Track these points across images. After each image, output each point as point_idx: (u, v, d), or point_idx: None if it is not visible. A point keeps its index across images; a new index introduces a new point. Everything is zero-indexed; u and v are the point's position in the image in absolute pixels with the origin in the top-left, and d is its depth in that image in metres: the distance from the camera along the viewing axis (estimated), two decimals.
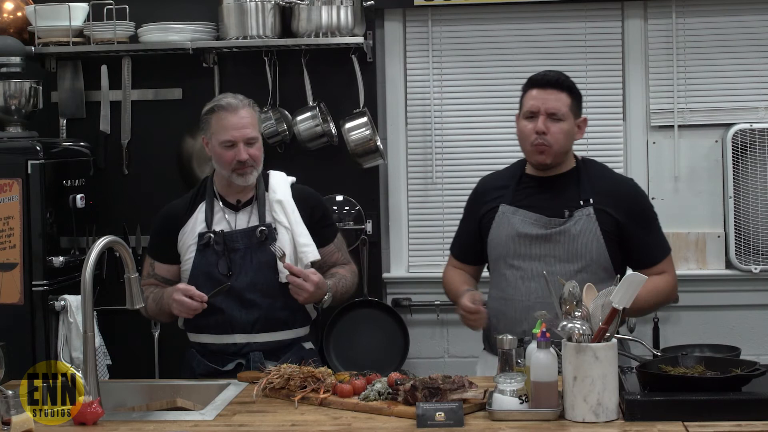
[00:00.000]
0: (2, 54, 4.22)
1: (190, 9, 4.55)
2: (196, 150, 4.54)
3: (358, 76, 4.40)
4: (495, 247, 3.33)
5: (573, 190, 3.28)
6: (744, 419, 2.50)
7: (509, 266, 3.28)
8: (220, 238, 3.36)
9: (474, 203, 3.47)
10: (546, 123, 3.22)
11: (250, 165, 3.36)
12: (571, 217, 3.22)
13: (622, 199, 3.27)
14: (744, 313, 4.52)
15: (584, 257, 3.20)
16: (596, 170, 3.36)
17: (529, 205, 3.29)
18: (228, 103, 3.38)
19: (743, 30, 4.50)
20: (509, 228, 3.28)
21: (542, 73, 3.32)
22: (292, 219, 3.41)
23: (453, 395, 2.69)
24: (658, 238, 3.33)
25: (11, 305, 4.00)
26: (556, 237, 3.22)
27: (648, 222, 3.31)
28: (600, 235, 3.21)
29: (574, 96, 3.27)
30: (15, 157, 4.04)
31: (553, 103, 3.23)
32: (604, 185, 3.29)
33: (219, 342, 3.36)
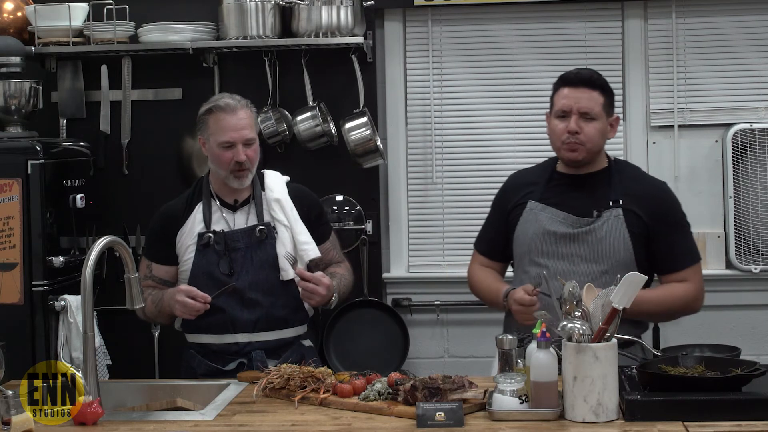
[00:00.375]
0: (2, 54, 4.22)
1: (190, 9, 4.55)
2: (196, 150, 4.54)
3: (358, 76, 4.40)
4: (521, 244, 3.28)
5: (603, 190, 3.22)
6: (744, 419, 2.50)
7: (534, 264, 3.22)
8: (220, 238, 3.35)
9: (502, 199, 3.41)
10: (578, 122, 3.17)
11: (246, 167, 3.35)
12: (599, 218, 3.17)
13: (651, 202, 3.21)
14: (744, 313, 4.52)
15: (610, 258, 3.15)
16: (628, 171, 3.31)
17: (557, 203, 3.23)
18: (226, 104, 3.36)
19: (743, 30, 4.50)
20: (536, 225, 3.23)
21: (575, 71, 3.27)
22: (291, 217, 3.41)
23: (453, 395, 2.69)
24: (686, 245, 3.24)
25: (11, 305, 4.00)
26: (583, 236, 3.17)
27: (675, 227, 3.23)
28: (627, 237, 3.16)
29: (606, 94, 3.21)
30: (15, 157, 4.04)
31: (586, 103, 3.17)
32: (634, 187, 3.23)
33: (220, 342, 3.35)
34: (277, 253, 3.36)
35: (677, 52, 4.52)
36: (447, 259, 4.64)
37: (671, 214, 3.24)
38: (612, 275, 2.98)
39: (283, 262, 3.35)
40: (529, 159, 4.44)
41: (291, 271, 3.36)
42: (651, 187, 3.29)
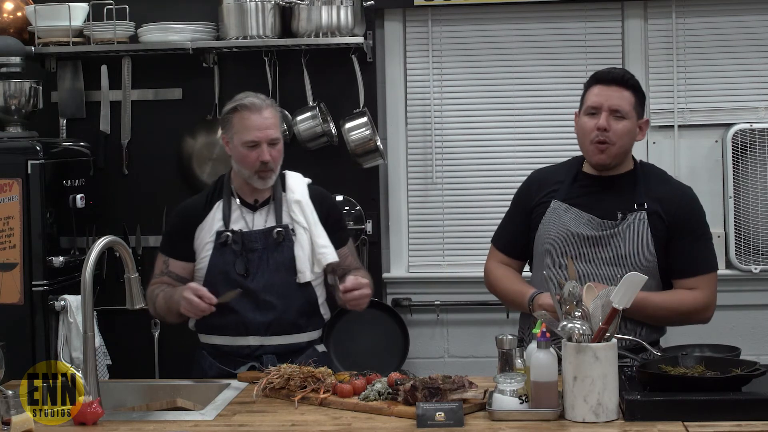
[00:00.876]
0: (2, 54, 4.23)
1: (190, 9, 4.55)
2: (196, 150, 4.54)
3: (358, 76, 4.40)
4: (542, 243, 3.22)
5: (629, 193, 3.17)
6: (744, 419, 2.50)
7: (557, 265, 3.16)
8: (238, 238, 3.32)
9: (525, 196, 3.33)
10: (608, 120, 3.12)
11: (271, 168, 3.31)
12: (623, 221, 3.12)
13: (673, 204, 3.16)
14: (744, 313, 4.52)
15: (632, 263, 3.08)
16: (655, 175, 3.26)
17: (582, 204, 3.18)
18: (251, 103, 3.32)
19: (743, 30, 4.50)
20: (560, 225, 3.18)
21: (607, 69, 3.23)
22: (310, 220, 3.37)
23: (453, 395, 2.69)
24: (703, 253, 3.18)
25: (11, 305, 4.00)
26: (607, 240, 3.12)
27: (693, 231, 3.18)
28: (651, 242, 3.11)
29: (638, 95, 3.18)
30: (15, 157, 4.04)
31: (617, 101, 3.12)
32: (660, 190, 3.18)
33: (232, 344, 3.32)
34: (294, 256, 3.33)
35: (677, 52, 4.52)
36: (447, 259, 4.64)
37: (692, 219, 3.18)
38: None
39: (300, 264, 3.31)
40: (529, 158, 4.46)
41: (308, 273, 3.33)
42: (675, 190, 3.23)
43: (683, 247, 3.14)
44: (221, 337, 3.34)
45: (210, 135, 4.54)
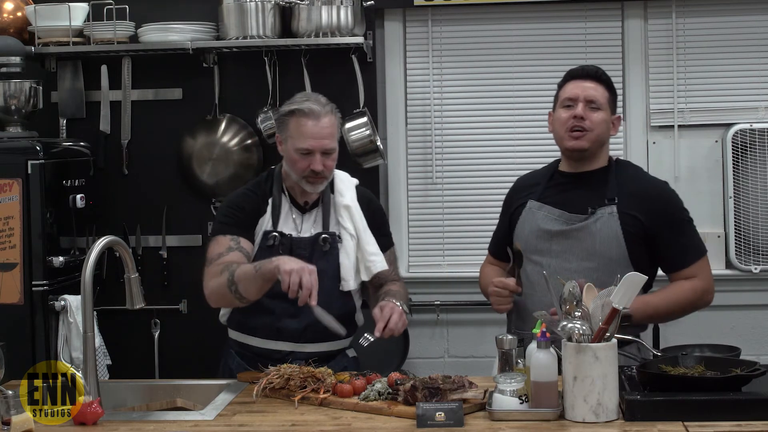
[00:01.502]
0: (2, 54, 4.23)
1: (190, 9, 4.55)
2: (196, 150, 4.54)
3: (358, 76, 4.40)
4: (518, 242, 3.31)
5: (601, 189, 3.23)
6: (744, 419, 2.50)
7: (530, 262, 3.25)
8: (287, 241, 3.23)
9: (508, 200, 3.45)
10: (585, 110, 3.21)
11: (322, 176, 3.21)
12: (593, 215, 3.18)
13: (649, 202, 3.21)
14: (744, 313, 4.52)
15: (602, 256, 3.15)
16: (628, 171, 3.32)
17: (555, 202, 3.26)
18: (310, 110, 3.19)
19: (743, 30, 4.51)
20: (532, 223, 3.27)
21: (581, 66, 3.34)
22: (359, 226, 3.29)
23: (453, 395, 2.69)
24: (690, 241, 3.24)
25: (11, 305, 4.00)
26: (576, 234, 3.19)
27: (677, 225, 3.23)
28: (620, 235, 3.15)
29: (611, 91, 3.28)
30: (15, 157, 4.04)
31: (592, 92, 3.22)
32: (633, 186, 3.24)
33: (263, 346, 3.26)
34: (339, 264, 3.25)
35: (677, 52, 4.52)
36: (447, 259, 4.64)
37: (671, 212, 3.24)
38: (604, 273, 3.02)
39: (345, 272, 3.24)
40: (528, 159, 4.46)
41: (352, 281, 3.26)
42: (650, 186, 3.29)
43: (669, 240, 3.20)
44: (252, 337, 3.29)
45: (210, 135, 4.54)
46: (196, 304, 4.52)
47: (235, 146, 4.54)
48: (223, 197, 4.52)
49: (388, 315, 3.10)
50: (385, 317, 3.10)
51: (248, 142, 4.55)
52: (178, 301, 4.60)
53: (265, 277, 3.05)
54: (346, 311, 3.28)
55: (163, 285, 4.60)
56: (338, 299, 3.26)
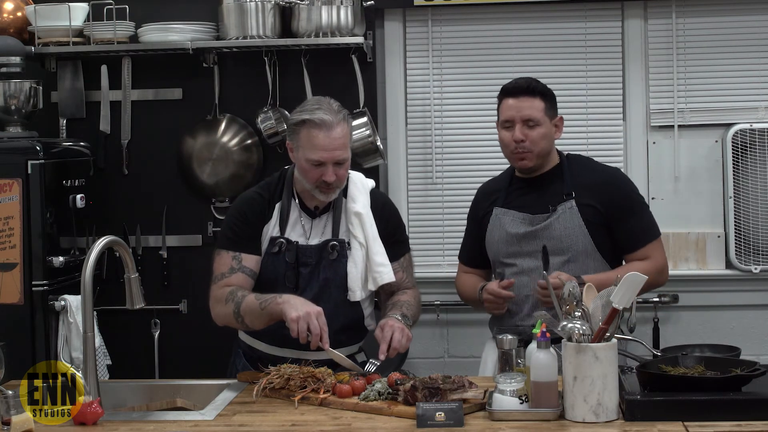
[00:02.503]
0: (2, 54, 4.22)
1: (190, 9, 4.55)
2: (196, 150, 4.54)
3: (358, 76, 4.40)
4: (490, 249, 3.51)
5: (557, 186, 3.42)
6: (744, 419, 2.50)
7: (504, 265, 3.45)
8: (293, 248, 3.20)
9: (474, 209, 3.63)
10: (523, 130, 3.39)
11: (334, 186, 3.16)
12: (554, 212, 3.37)
13: (602, 189, 3.40)
14: (744, 313, 4.52)
15: (570, 249, 3.34)
16: (579, 164, 3.50)
17: (518, 206, 3.45)
18: (322, 121, 3.10)
19: (743, 30, 4.50)
20: (500, 229, 3.46)
21: (513, 81, 3.49)
22: (369, 235, 3.23)
23: (453, 395, 2.69)
24: (642, 223, 3.42)
25: (11, 305, 4.00)
26: (542, 233, 3.37)
27: (630, 208, 3.41)
28: (583, 226, 3.34)
29: (547, 99, 3.42)
30: (15, 157, 4.04)
31: (527, 111, 3.39)
32: (586, 178, 3.42)
33: (269, 352, 3.24)
34: (347, 273, 3.21)
35: (677, 52, 4.52)
36: (447, 259, 4.63)
37: (622, 197, 3.41)
38: (575, 263, 3.32)
39: (352, 282, 3.20)
40: None
41: (359, 292, 3.22)
42: (601, 175, 3.46)
43: (624, 226, 3.38)
44: (259, 342, 3.27)
45: (210, 135, 4.54)
46: (196, 304, 4.53)
47: (235, 146, 4.54)
48: (223, 197, 4.55)
49: (389, 335, 3.07)
50: (387, 338, 3.06)
51: (248, 142, 4.55)
52: (178, 301, 4.60)
53: (271, 316, 3.07)
54: (353, 320, 3.26)
55: (163, 285, 4.60)
56: (345, 308, 3.22)
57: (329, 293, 3.21)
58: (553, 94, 3.48)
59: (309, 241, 3.23)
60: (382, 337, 3.07)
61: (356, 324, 3.28)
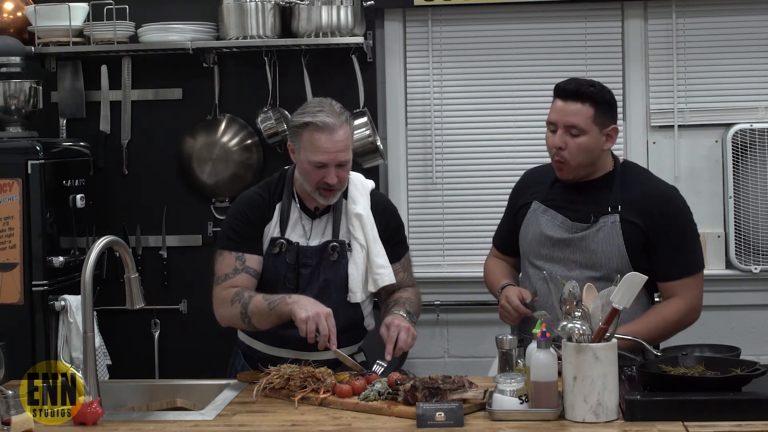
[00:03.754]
0: (2, 54, 4.23)
1: (190, 9, 4.55)
2: (196, 150, 4.54)
3: (358, 76, 4.41)
4: (522, 244, 3.27)
5: (604, 196, 3.15)
6: (744, 419, 2.50)
7: (532, 266, 3.22)
8: (293, 249, 3.20)
9: (515, 195, 3.38)
10: (564, 138, 3.10)
11: (335, 189, 3.15)
12: (594, 224, 3.11)
13: (650, 206, 3.11)
14: (744, 313, 4.52)
15: (604, 266, 3.10)
16: (634, 176, 3.21)
17: (558, 206, 3.19)
18: (324, 123, 3.08)
19: (743, 30, 4.51)
20: (536, 227, 3.21)
21: (565, 81, 3.17)
22: (369, 236, 3.21)
23: (453, 395, 2.69)
24: (685, 254, 3.13)
25: (11, 305, 4.01)
26: (577, 242, 3.13)
27: (676, 233, 3.12)
28: (622, 245, 3.09)
29: (598, 105, 3.10)
30: (15, 157, 4.04)
31: (571, 117, 3.08)
32: (636, 191, 3.14)
33: (267, 352, 3.24)
34: (348, 274, 3.20)
35: (677, 52, 4.52)
36: (447, 259, 4.64)
37: (670, 220, 3.13)
38: (607, 282, 2.89)
39: (353, 284, 3.20)
40: (528, 158, 4.45)
41: (360, 293, 3.21)
42: (653, 190, 3.18)
43: (663, 250, 3.11)
44: (258, 342, 3.27)
45: (210, 135, 4.54)
46: (196, 304, 4.53)
47: (235, 146, 4.54)
48: (223, 197, 4.55)
49: (395, 334, 3.08)
50: (393, 337, 3.08)
51: (248, 142, 4.55)
52: (178, 301, 4.60)
53: (279, 316, 3.07)
54: (353, 320, 3.26)
55: (163, 285, 4.60)
56: (345, 309, 3.21)
57: (329, 294, 3.21)
58: (609, 100, 3.14)
59: (309, 242, 3.23)
60: (388, 337, 3.08)
61: (356, 324, 3.28)
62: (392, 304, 3.26)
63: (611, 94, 3.18)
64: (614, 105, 3.18)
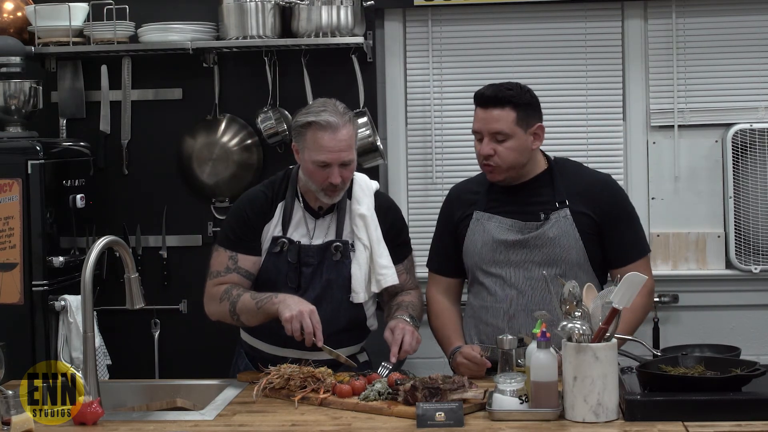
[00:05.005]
0: (2, 54, 4.22)
1: (190, 9, 4.55)
2: (196, 150, 4.54)
3: (358, 76, 4.40)
4: (471, 255, 3.24)
5: (547, 193, 3.19)
6: (744, 419, 2.50)
7: (487, 274, 3.21)
8: (295, 249, 3.20)
9: (447, 212, 3.36)
10: (491, 145, 3.13)
11: (340, 188, 3.16)
12: (547, 220, 3.14)
13: (596, 196, 3.18)
14: (744, 313, 4.52)
15: (564, 261, 3.13)
16: (570, 170, 3.26)
17: (503, 211, 3.20)
18: (327, 123, 3.09)
19: (743, 30, 4.50)
20: (485, 235, 3.20)
21: (484, 87, 3.19)
22: (373, 237, 3.22)
23: (453, 395, 2.69)
24: (634, 236, 3.22)
25: (11, 305, 4.00)
26: (533, 241, 3.14)
27: (624, 218, 3.21)
28: (578, 237, 3.14)
29: (519, 107, 3.13)
30: (15, 157, 4.04)
31: (494, 124, 3.11)
32: (579, 185, 3.20)
33: (270, 352, 3.25)
34: (351, 274, 3.21)
35: (677, 52, 4.52)
36: None
37: (619, 206, 3.22)
38: (567, 278, 2.93)
39: (356, 284, 3.20)
40: None
41: (362, 294, 3.21)
42: (595, 181, 3.25)
43: (616, 236, 3.18)
44: (261, 342, 3.27)
45: (210, 135, 4.54)
46: (196, 304, 4.51)
47: (235, 146, 4.54)
48: (223, 197, 4.55)
49: (400, 337, 3.09)
50: (398, 340, 3.08)
51: (248, 142, 4.55)
52: (178, 301, 4.60)
53: (267, 315, 3.10)
54: (356, 320, 3.26)
55: (163, 285, 4.60)
56: (348, 309, 3.22)
57: (332, 294, 3.21)
58: (529, 100, 3.18)
59: (312, 241, 3.23)
60: (393, 340, 3.09)
61: (359, 324, 3.28)
62: (395, 308, 3.26)
63: (531, 94, 3.21)
64: (535, 104, 3.20)
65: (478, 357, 3.07)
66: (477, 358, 3.07)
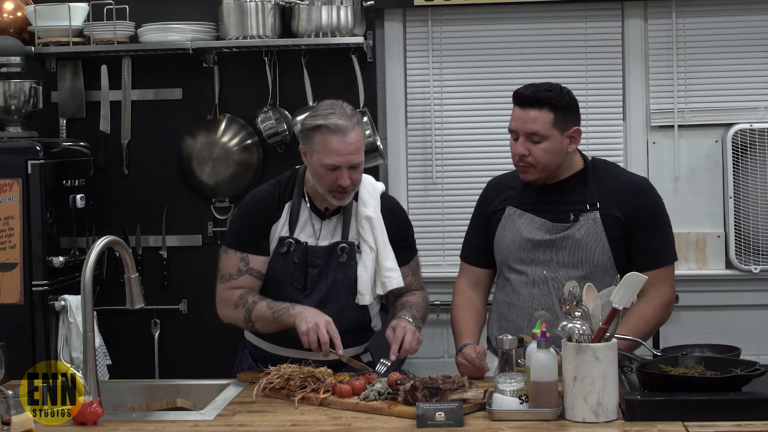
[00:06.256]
0: (2, 54, 4.22)
1: (190, 9, 4.55)
2: (196, 150, 4.54)
3: (358, 76, 4.41)
4: (500, 250, 3.25)
5: (580, 194, 3.17)
6: (744, 419, 2.50)
7: (513, 271, 3.21)
8: (301, 249, 3.20)
9: (483, 204, 3.36)
10: (526, 145, 3.10)
11: (350, 190, 3.15)
12: (576, 222, 3.13)
13: (628, 200, 3.15)
14: (744, 313, 4.52)
15: (588, 263, 3.12)
16: (604, 171, 3.23)
17: (535, 209, 3.19)
18: (336, 126, 3.07)
19: (743, 30, 4.51)
20: (514, 231, 3.20)
21: (522, 87, 3.16)
22: (379, 239, 3.22)
23: (453, 395, 2.69)
24: (661, 245, 3.17)
25: (11, 305, 4.00)
26: (560, 242, 3.13)
27: (653, 224, 3.16)
28: (606, 241, 3.11)
29: (557, 109, 3.10)
30: (15, 157, 4.04)
31: (531, 125, 3.09)
32: (612, 186, 3.17)
33: (273, 352, 3.25)
34: (357, 276, 3.20)
35: (677, 52, 4.52)
36: (447, 259, 4.64)
37: (649, 210, 3.17)
38: (591, 280, 2.92)
39: (362, 286, 3.20)
40: None
41: (368, 296, 3.22)
42: (629, 183, 3.22)
43: (642, 241, 3.14)
44: (265, 342, 3.27)
45: (210, 135, 4.54)
46: (196, 304, 4.53)
47: (235, 146, 4.54)
48: (223, 197, 4.55)
49: (401, 336, 3.09)
50: (398, 339, 3.09)
51: (248, 142, 4.55)
52: (178, 301, 4.60)
53: (283, 326, 3.11)
54: (360, 321, 3.26)
55: (163, 285, 4.60)
56: (353, 310, 3.23)
57: (337, 295, 3.22)
58: (568, 102, 3.14)
59: (318, 242, 3.23)
60: (393, 338, 3.10)
61: (363, 325, 3.28)
62: (399, 308, 3.26)
63: (571, 96, 3.18)
64: (574, 107, 3.18)
65: (476, 360, 3.07)
66: (475, 361, 3.07)
